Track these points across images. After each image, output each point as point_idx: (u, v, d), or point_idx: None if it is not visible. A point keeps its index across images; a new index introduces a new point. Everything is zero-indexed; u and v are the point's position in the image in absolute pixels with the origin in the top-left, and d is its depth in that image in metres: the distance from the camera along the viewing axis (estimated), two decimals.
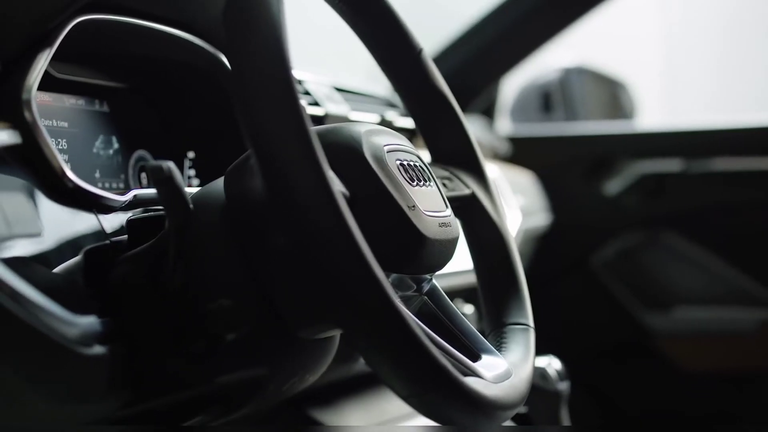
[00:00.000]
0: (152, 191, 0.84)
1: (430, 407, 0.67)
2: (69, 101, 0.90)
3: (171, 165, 0.68)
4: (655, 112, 3.77)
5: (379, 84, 1.52)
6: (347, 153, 0.74)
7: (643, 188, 2.10)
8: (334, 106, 1.21)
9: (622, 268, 2.17)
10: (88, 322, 0.69)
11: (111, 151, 0.95)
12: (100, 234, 0.76)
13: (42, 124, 0.75)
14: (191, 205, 0.72)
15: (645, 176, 2.10)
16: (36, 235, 0.69)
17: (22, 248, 0.67)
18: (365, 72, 1.96)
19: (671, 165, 2.08)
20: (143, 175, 0.98)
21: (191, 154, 1.03)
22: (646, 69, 4.01)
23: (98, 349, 0.69)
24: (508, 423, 1.40)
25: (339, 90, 1.28)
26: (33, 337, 0.64)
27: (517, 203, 1.70)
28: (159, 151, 1.00)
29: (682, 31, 4.32)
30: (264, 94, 0.63)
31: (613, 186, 2.13)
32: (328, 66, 1.30)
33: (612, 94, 2.49)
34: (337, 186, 0.66)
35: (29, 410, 0.68)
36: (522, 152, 2.14)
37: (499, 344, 0.86)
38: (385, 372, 0.65)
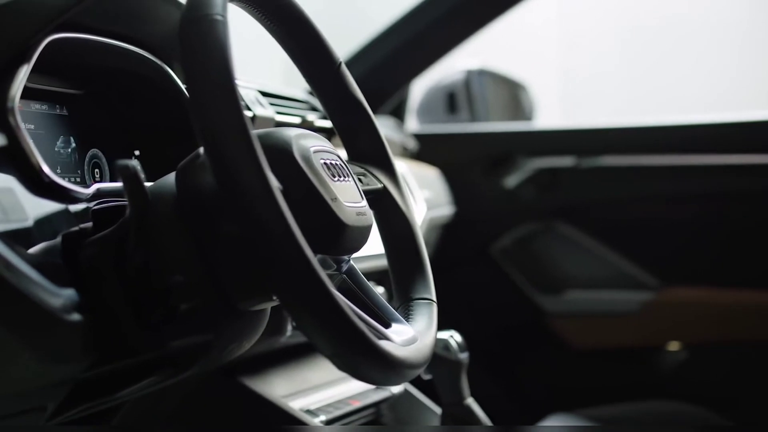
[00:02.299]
0: (111, 185, 0.93)
1: (350, 365, 0.77)
2: (34, 106, 0.97)
3: (136, 164, 0.77)
4: (553, 113, 3.89)
5: (297, 87, 1.59)
6: (280, 154, 0.83)
7: (538, 182, 2.18)
8: (262, 109, 1.29)
9: (519, 255, 2.25)
10: (68, 293, 0.77)
11: (69, 150, 1.01)
12: (70, 221, 0.84)
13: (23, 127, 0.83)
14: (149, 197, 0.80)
15: (540, 171, 2.17)
16: (22, 220, 0.77)
17: (12, 231, 0.75)
18: (281, 76, 2.04)
19: (564, 161, 2.17)
20: (96, 170, 1.05)
21: (137, 152, 1.10)
22: (544, 73, 4.14)
23: (75, 317, 0.77)
24: (418, 393, 1.53)
25: (264, 94, 1.35)
26: (25, 303, 0.73)
27: (423, 196, 1.77)
28: (110, 150, 1.07)
29: (578, 40, 4.45)
30: (214, 105, 0.73)
31: (512, 180, 2.19)
32: (250, 71, 1.39)
33: (513, 95, 2.53)
34: (275, 182, 0.73)
35: (24, 369, 0.76)
36: (428, 150, 2.19)
37: (407, 315, 0.95)
38: (314, 335, 0.74)
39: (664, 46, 4.22)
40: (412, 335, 0.90)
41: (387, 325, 0.90)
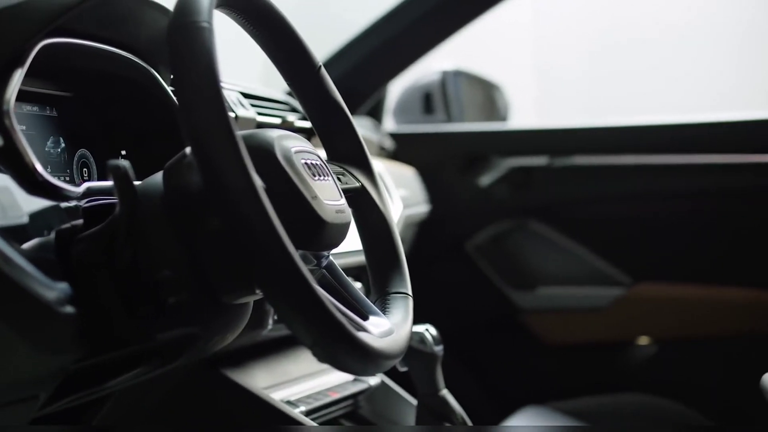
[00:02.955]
0: (100, 184, 0.95)
1: (330, 355, 0.79)
2: (26, 108, 1.00)
3: (126, 164, 0.81)
4: (527, 113, 3.92)
5: (276, 89, 1.62)
6: (263, 154, 0.86)
7: (512, 181, 2.21)
8: (243, 110, 1.32)
9: (494, 253, 2.27)
10: (61, 287, 0.80)
11: (59, 150, 1.04)
12: (62, 218, 0.86)
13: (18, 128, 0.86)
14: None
15: (514, 170, 2.20)
16: (18, 217, 0.80)
17: (9, 228, 0.78)
18: (260, 78, 2.06)
19: (538, 160, 2.20)
20: (85, 170, 1.08)
21: (123, 152, 1.12)
22: (519, 74, 4.17)
23: (69, 310, 0.79)
24: (395, 385, 1.57)
25: (246, 96, 1.38)
26: (22, 295, 0.75)
27: (400, 194, 1.80)
28: (97, 150, 1.09)
29: (553, 41, 4.49)
30: (201, 108, 0.76)
31: (486, 179, 2.22)
32: (231, 71, 1.41)
33: (488, 96, 2.55)
34: (259, 181, 0.76)
35: (20, 359, 0.79)
36: (405, 149, 2.22)
37: (384, 308, 0.98)
38: (296, 326, 0.77)
39: (640, 46, 4.26)
40: (389, 327, 0.93)
41: (365, 318, 0.94)
